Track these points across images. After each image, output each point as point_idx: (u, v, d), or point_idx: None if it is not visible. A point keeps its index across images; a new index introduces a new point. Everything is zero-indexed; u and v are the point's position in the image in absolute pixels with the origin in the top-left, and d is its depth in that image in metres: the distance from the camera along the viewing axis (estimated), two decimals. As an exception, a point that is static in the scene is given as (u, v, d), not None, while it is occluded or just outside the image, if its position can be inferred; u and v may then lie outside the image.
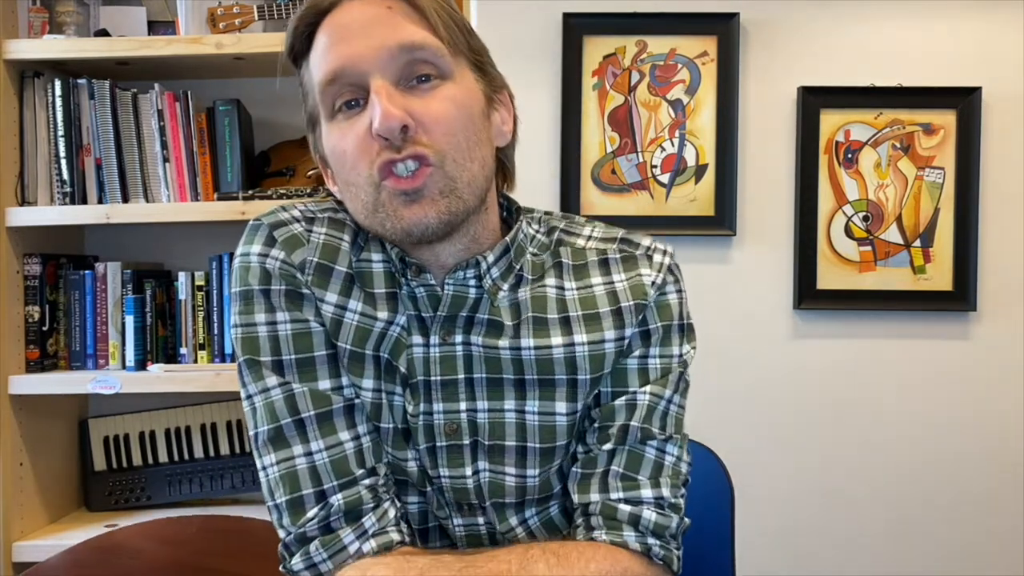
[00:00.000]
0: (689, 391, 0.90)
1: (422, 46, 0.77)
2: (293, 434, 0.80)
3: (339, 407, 0.81)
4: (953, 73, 2.08)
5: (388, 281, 0.84)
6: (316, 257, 0.83)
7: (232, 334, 0.84)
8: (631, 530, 0.81)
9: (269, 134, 1.86)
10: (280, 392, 0.81)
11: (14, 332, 1.67)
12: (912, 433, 2.12)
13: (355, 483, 0.80)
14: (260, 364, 0.81)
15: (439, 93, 0.78)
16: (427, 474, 0.85)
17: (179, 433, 1.83)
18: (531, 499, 0.86)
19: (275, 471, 0.80)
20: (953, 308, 2.09)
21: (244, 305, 0.82)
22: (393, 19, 0.77)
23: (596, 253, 0.88)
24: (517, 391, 0.84)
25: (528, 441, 0.84)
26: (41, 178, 1.70)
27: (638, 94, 2.09)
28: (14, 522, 1.66)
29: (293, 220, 0.84)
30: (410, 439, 0.84)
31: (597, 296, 0.86)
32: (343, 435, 0.81)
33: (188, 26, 1.69)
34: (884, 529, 2.12)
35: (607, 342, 0.84)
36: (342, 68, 0.77)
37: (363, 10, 0.78)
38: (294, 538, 0.79)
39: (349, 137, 0.78)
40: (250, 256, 0.83)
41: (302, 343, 0.82)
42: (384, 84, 0.76)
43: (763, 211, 2.11)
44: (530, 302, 0.85)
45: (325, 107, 0.80)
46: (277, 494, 0.80)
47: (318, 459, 0.80)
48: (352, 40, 0.77)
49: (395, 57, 0.76)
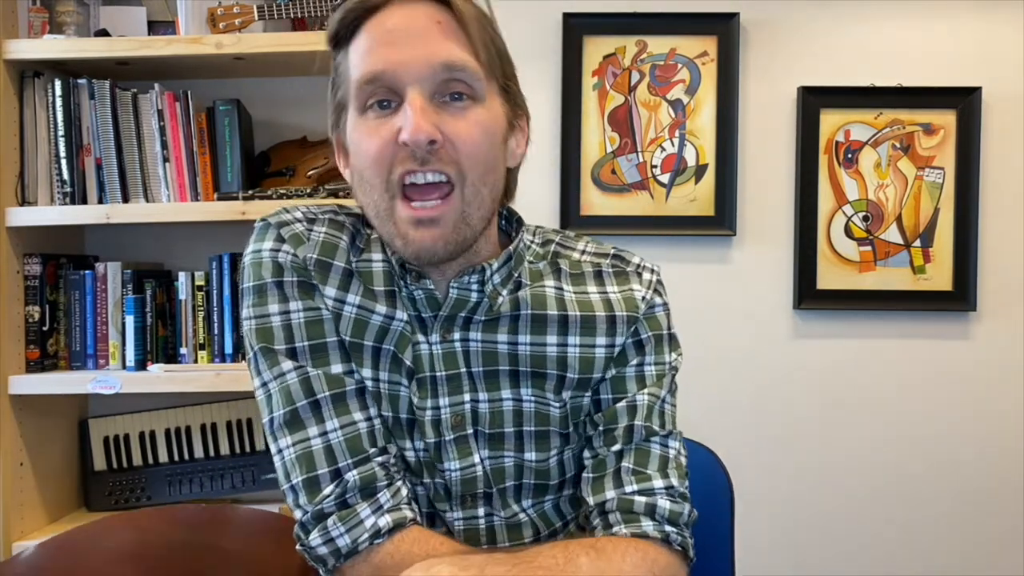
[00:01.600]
0: (689, 391, 0.95)
1: (463, 67, 0.80)
2: (309, 415, 0.83)
3: (352, 389, 0.85)
4: (953, 73, 2.08)
5: (387, 280, 0.87)
6: (316, 254, 0.86)
7: (245, 327, 0.86)
8: (648, 520, 0.84)
9: (269, 134, 1.86)
10: (296, 376, 0.84)
11: (14, 332, 1.67)
12: (912, 433, 2.12)
13: (369, 460, 0.83)
14: (275, 352, 0.84)
15: (469, 115, 0.81)
16: (433, 467, 0.87)
17: (179, 433, 1.83)
18: (528, 484, 0.90)
19: (291, 452, 0.83)
20: (953, 308, 2.09)
21: (258, 298, 0.86)
22: (440, 35, 0.80)
23: (591, 266, 0.93)
24: (512, 380, 0.88)
25: (524, 425, 0.89)
26: (41, 178, 1.70)
27: (638, 94, 2.09)
28: (14, 522, 1.66)
29: (295, 220, 0.88)
30: (413, 429, 0.87)
31: (594, 302, 0.90)
32: (357, 415, 0.84)
33: (188, 26, 1.69)
34: (884, 528, 2.12)
35: (598, 347, 0.89)
36: (383, 72, 0.79)
37: (413, 18, 0.81)
38: (311, 516, 0.81)
39: (375, 137, 0.80)
40: (262, 252, 0.87)
41: (315, 330, 0.85)
42: (419, 97, 0.78)
43: (763, 211, 2.11)
44: (530, 299, 0.88)
45: (358, 100, 0.82)
46: (293, 475, 0.82)
47: (333, 438, 0.83)
48: (398, 47, 0.79)
49: (436, 73, 0.79)
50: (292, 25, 1.76)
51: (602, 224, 2.08)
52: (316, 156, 1.79)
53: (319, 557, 0.82)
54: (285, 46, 1.62)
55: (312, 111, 1.85)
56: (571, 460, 0.91)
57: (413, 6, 0.81)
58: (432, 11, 0.81)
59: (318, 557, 0.82)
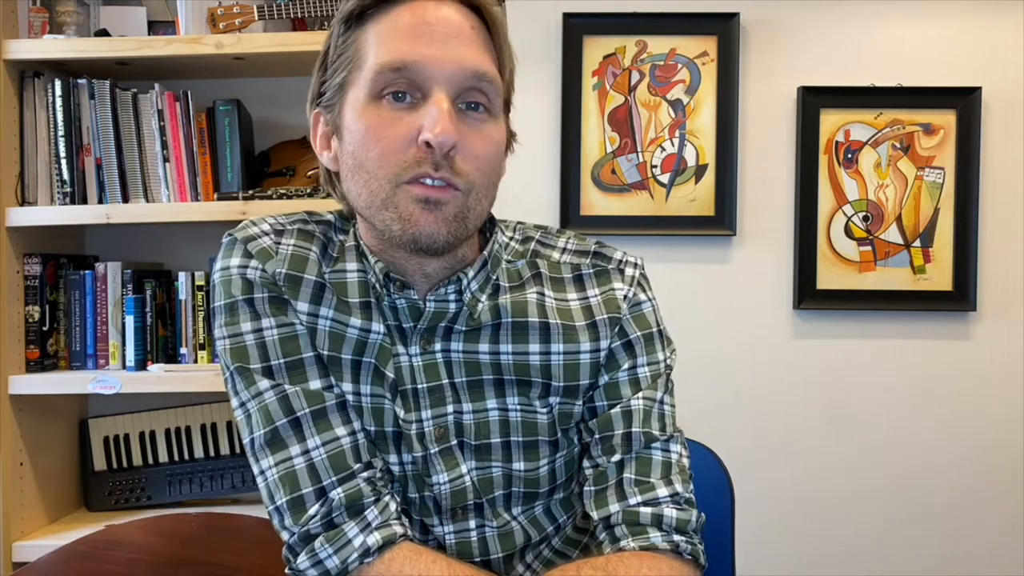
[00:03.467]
0: (689, 391, 0.93)
1: (490, 80, 0.79)
2: (289, 434, 0.81)
3: (332, 404, 0.82)
4: (953, 73, 2.08)
5: (362, 291, 0.85)
6: (285, 268, 0.84)
7: (219, 346, 0.84)
8: (656, 531, 0.82)
9: (269, 134, 1.86)
10: (274, 394, 0.82)
11: (14, 332, 1.67)
12: (912, 432, 2.12)
13: (353, 476, 0.81)
14: (250, 371, 0.82)
15: (485, 130, 0.80)
16: (422, 480, 0.86)
17: (179, 433, 1.83)
18: (518, 492, 0.88)
19: (273, 473, 0.81)
20: (953, 308, 2.09)
21: (229, 316, 0.84)
22: (474, 41, 0.79)
23: (571, 269, 0.91)
24: (497, 390, 0.86)
25: (512, 435, 0.87)
26: (41, 178, 1.70)
27: (638, 94, 2.09)
28: (14, 522, 1.66)
29: (262, 234, 0.86)
30: (400, 443, 0.85)
31: (573, 310, 0.88)
32: (339, 431, 0.82)
33: (188, 26, 1.69)
34: (884, 528, 2.12)
35: (582, 353, 0.87)
36: (413, 64, 0.77)
37: (449, 16, 0.79)
38: (298, 537, 0.80)
39: (390, 130, 0.77)
40: (230, 269, 0.84)
41: (289, 346, 0.83)
42: (446, 99, 0.77)
43: (763, 211, 2.11)
44: (510, 307, 0.86)
45: (374, 85, 0.78)
46: (277, 496, 0.81)
47: (315, 456, 0.80)
48: (432, 43, 0.77)
49: (465, 79, 0.78)
50: (292, 25, 1.76)
51: (602, 224, 2.08)
52: (316, 156, 1.79)
53: None
54: (285, 46, 1.62)
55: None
56: (562, 467, 0.89)
57: (448, 5, 0.79)
58: (467, 14, 0.80)
59: None
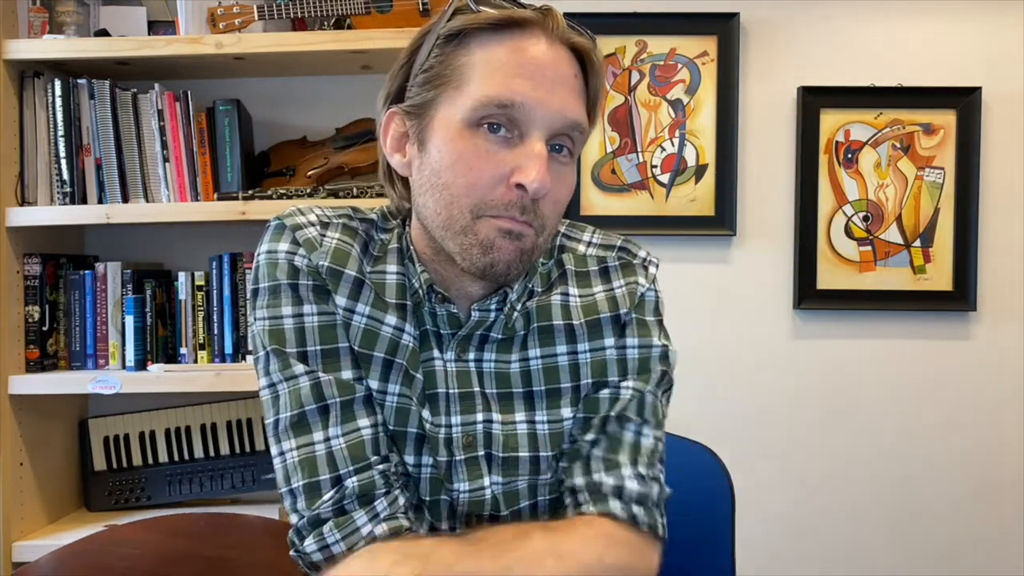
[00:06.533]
0: (689, 392, 0.93)
1: (582, 130, 0.82)
2: (316, 420, 0.82)
3: (361, 396, 0.84)
4: (953, 73, 2.08)
5: (399, 293, 0.87)
6: (327, 262, 0.86)
7: (257, 327, 0.86)
8: (616, 500, 0.84)
9: (269, 134, 1.86)
10: (307, 380, 0.83)
11: (14, 332, 1.67)
12: (912, 432, 2.12)
13: (369, 468, 0.82)
14: (286, 354, 0.84)
15: (566, 174, 0.84)
16: (441, 484, 0.87)
17: (179, 433, 1.83)
18: (543, 500, 0.89)
19: (294, 456, 0.82)
20: (953, 308, 2.09)
21: (272, 298, 0.85)
22: (575, 89, 0.82)
23: (597, 261, 0.94)
24: (527, 403, 0.88)
25: (540, 450, 0.88)
26: (41, 178, 1.70)
27: (638, 94, 2.09)
28: (14, 522, 1.66)
29: (309, 224, 0.87)
30: (423, 445, 0.86)
31: (599, 301, 0.91)
32: (362, 422, 0.83)
33: (188, 26, 1.69)
34: (884, 528, 2.12)
35: (607, 348, 0.89)
36: (520, 103, 0.78)
37: (558, 60, 0.81)
38: (307, 521, 0.81)
39: (485, 163, 0.79)
40: (278, 253, 0.86)
41: (327, 335, 0.85)
42: (543, 145, 0.79)
43: (763, 211, 2.11)
44: (536, 312, 0.89)
45: (472, 112, 0.79)
46: (294, 479, 0.82)
47: (335, 444, 0.82)
48: (539, 86, 0.79)
49: (562, 127, 0.80)
50: (292, 25, 1.76)
51: (602, 224, 2.05)
52: (316, 156, 1.79)
53: (313, 563, 0.81)
54: (285, 46, 1.62)
55: (312, 111, 1.85)
56: None
57: (558, 47, 0.81)
58: (572, 61, 0.82)
59: (312, 563, 0.81)
